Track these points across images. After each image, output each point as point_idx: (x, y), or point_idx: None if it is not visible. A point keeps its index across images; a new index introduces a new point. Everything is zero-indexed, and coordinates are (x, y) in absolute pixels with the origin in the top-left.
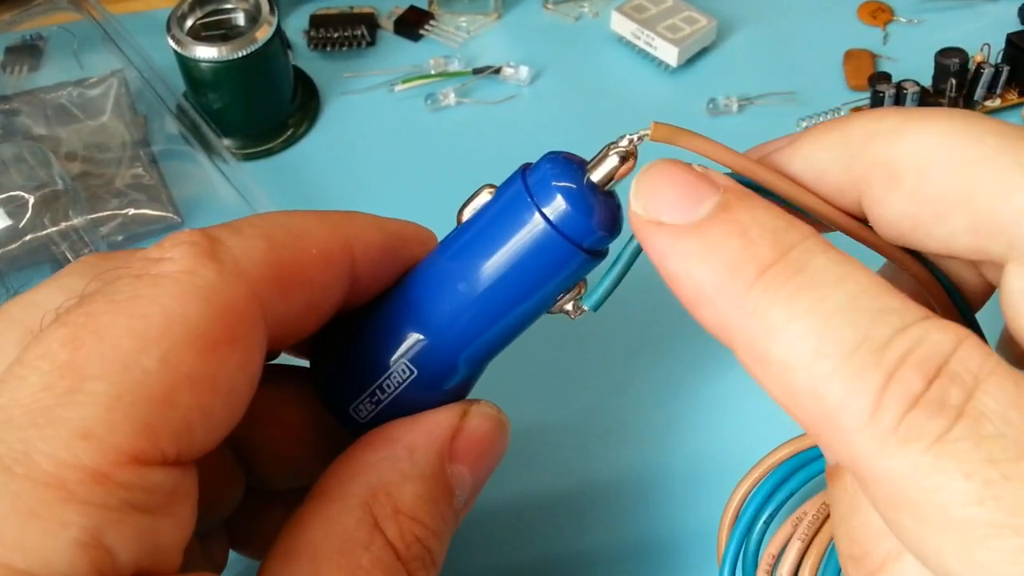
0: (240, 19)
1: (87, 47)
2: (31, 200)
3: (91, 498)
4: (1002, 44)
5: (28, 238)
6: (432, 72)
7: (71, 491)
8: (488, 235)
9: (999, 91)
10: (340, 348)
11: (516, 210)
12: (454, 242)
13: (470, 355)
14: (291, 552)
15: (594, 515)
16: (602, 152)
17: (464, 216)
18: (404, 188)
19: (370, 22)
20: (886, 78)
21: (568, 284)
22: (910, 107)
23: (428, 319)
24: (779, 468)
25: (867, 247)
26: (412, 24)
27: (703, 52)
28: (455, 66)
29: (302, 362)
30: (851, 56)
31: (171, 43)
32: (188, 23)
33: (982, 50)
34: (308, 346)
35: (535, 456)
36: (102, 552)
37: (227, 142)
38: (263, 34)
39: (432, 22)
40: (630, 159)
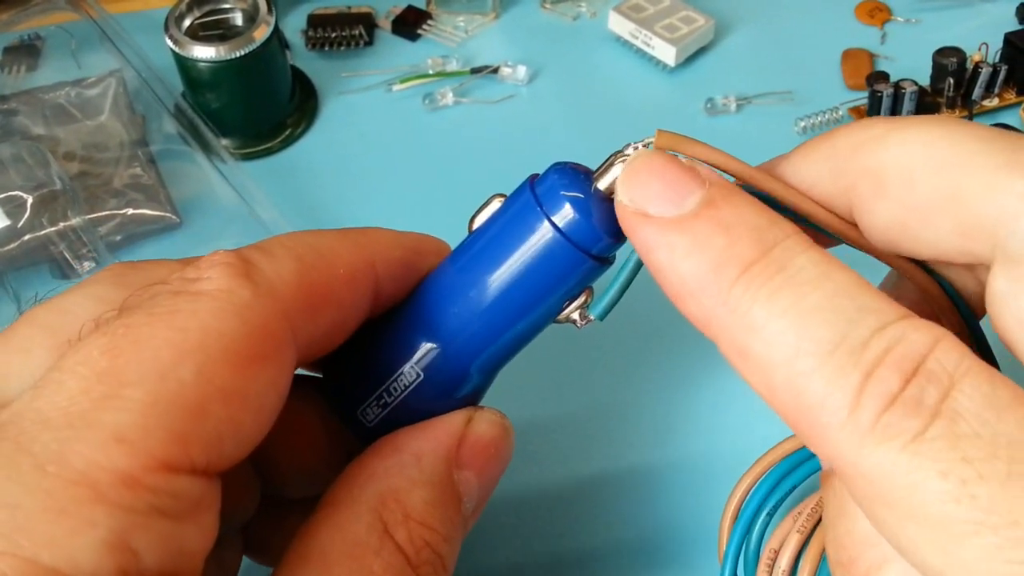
0: (238, 19)
1: (85, 47)
2: (29, 200)
3: (120, 500)
4: (1000, 43)
5: (26, 238)
6: (430, 72)
7: (101, 492)
8: (498, 244)
9: (997, 90)
10: (351, 354)
11: (525, 219)
12: (465, 252)
13: (479, 362)
14: (303, 558)
15: (596, 511)
16: (608, 161)
17: (475, 224)
18: (402, 188)
19: (368, 22)
20: (884, 77)
21: (576, 291)
22: (897, 116)
23: (438, 325)
24: (782, 463)
25: (870, 256)
26: (410, 24)
27: (701, 52)
28: (453, 66)
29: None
30: (849, 55)
31: (169, 43)
32: (186, 23)
33: (980, 49)
34: (322, 359)
35: (536, 453)
36: (128, 554)
37: (225, 142)
38: (261, 34)
39: (430, 22)
40: None
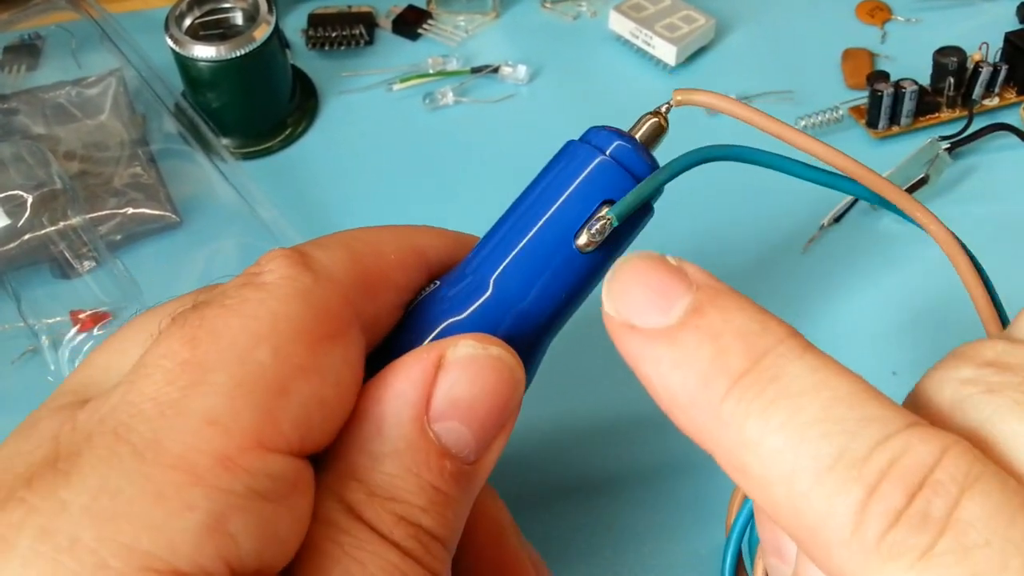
0: (238, 18)
1: (85, 46)
2: (29, 199)
3: (218, 482)
4: (1000, 43)
5: (27, 237)
6: (430, 71)
7: (199, 475)
8: (548, 180)
9: (997, 90)
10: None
11: (581, 160)
12: (516, 206)
13: (520, 296)
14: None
15: (608, 485)
16: (639, 120)
17: None
18: (402, 187)
19: (368, 21)
20: (884, 77)
21: (629, 225)
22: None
23: (484, 260)
24: None
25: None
26: (410, 23)
27: (701, 51)
28: (453, 65)
29: None
30: (849, 55)
31: (169, 42)
32: (186, 22)
33: (980, 49)
34: None
35: (558, 446)
36: (227, 538)
37: (225, 141)
38: (261, 33)
39: (430, 21)
40: (662, 127)
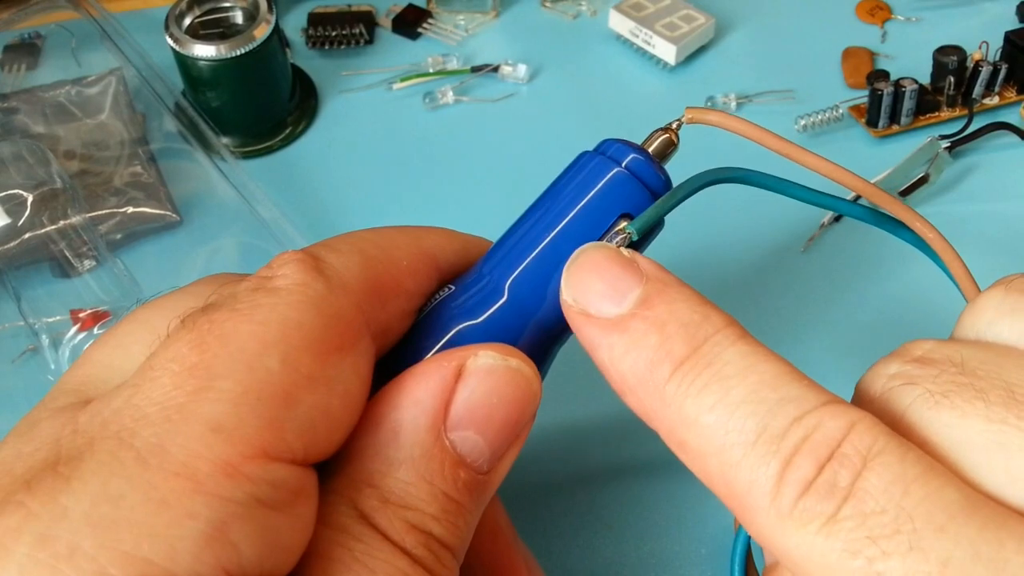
0: (238, 17)
1: (85, 45)
2: (30, 198)
3: (220, 491)
4: (1000, 42)
5: (27, 236)
6: (430, 70)
7: (201, 482)
8: (562, 193)
9: (997, 89)
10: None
11: (597, 171)
12: (529, 214)
13: (536, 306)
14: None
15: (609, 483)
16: (651, 135)
17: None
18: (402, 186)
19: (368, 20)
20: (884, 76)
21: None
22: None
23: (499, 263)
24: None
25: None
26: (410, 22)
27: (701, 50)
28: (453, 64)
29: None
30: (849, 54)
31: (169, 41)
32: (186, 21)
33: (980, 48)
34: None
35: (572, 442)
36: (228, 547)
37: (225, 140)
38: (261, 32)
39: (430, 20)
40: (674, 142)
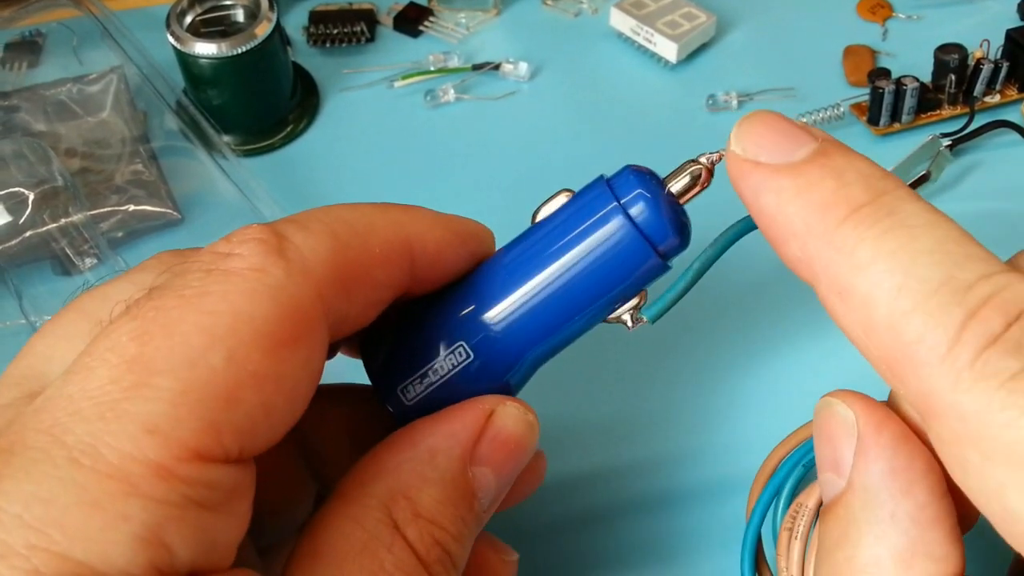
0: (240, 15)
1: (86, 43)
2: (31, 196)
3: (153, 493)
4: (1001, 40)
5: (28, 234)
6: (431, 68)
7: (134, 485)
8: (566, 232)
9: (999, 87)
10: (396, 332)
11: (597, 209)
12: (529, 237)
13: (530, 349)
14: (314, 553)
15: (611, 484)
16: (680, 167)
17: (539, 216)
18: (404, 184)
19: (369, 18)
20: (885, 74)
21: (635, 288)
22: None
23: (495, 308)
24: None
25: None
26: (411, 20)
27: (702, 48)
28: (454, 62)
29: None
30: (850, 52)
31: (170, 39)
32: (187, 19)
33: (981, 46)
34: (356, 336)
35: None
36: (161, 549)
37: (227, 138)
38: (263, 30)
39: (431, 18)
40: (705, 178)
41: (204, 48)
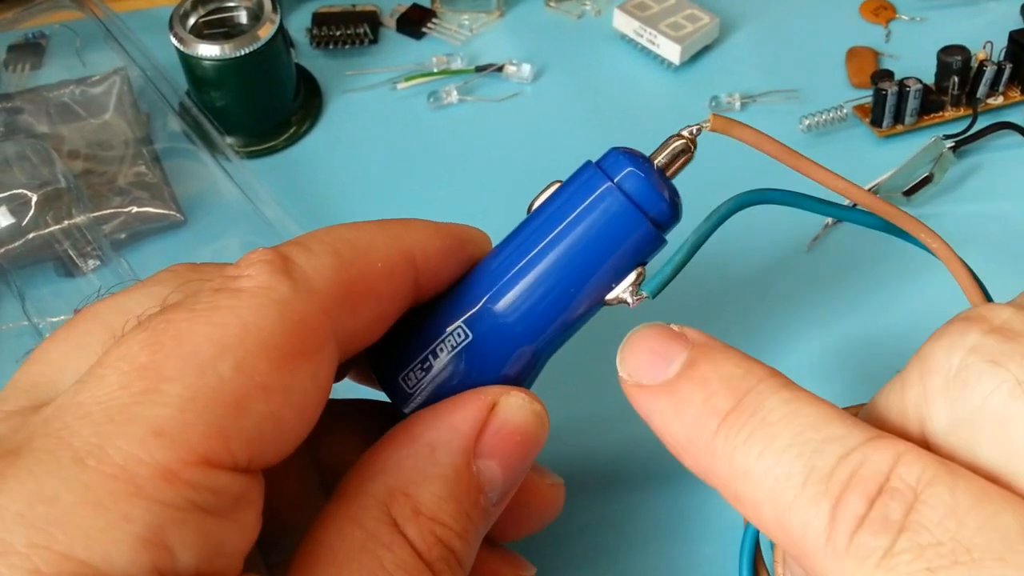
0: (243, 17)
1: (90, 45)
2: (34, 198)
3: (158, 495)
4: (1005, 41)
5: (31, 236)
6: (435, 70)
7: (139, 486)
8: (561, 213)
9: (1002, 88)
10: (398, 324)
11: (592, 188)
12: (526, 224)
13: (532, 330)
14: (314, 554)
15: (612, 484)
16: (664, 144)
17: (534, 207)
18: (407, 186)
19: (373, 20)
20: (888, 76)
21: (633, 260)
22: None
23: (493, 291)
24: None
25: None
26: (415, 22)
27: (705, 50)
28: (457, 64)
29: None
30: (853, 54)
31: (174, 41)
32: (191, 21)
33: (985, 48)
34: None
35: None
36: (163, 551)
37: (230, 140)
38: (266, 32)
39: (435, 20)
40: (689, 149)
41: (207, 50)
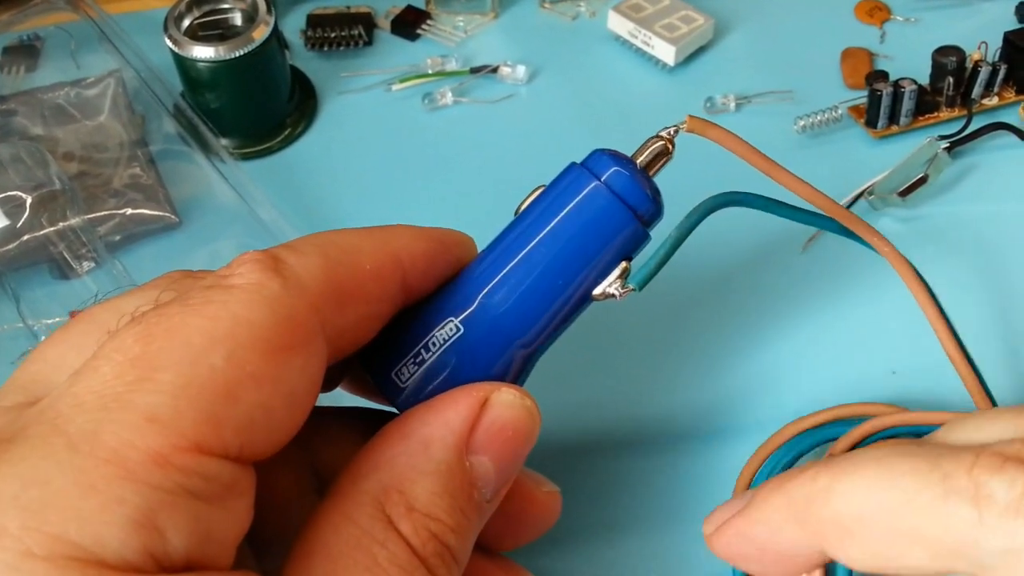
0: (237, 19)
1: (84, 47)
2: (28, 200)
3: (149, 479)
4: (999, 42)
5: (26, 238)
6: (429, 71)
7: (131, 470)
8: (553, 212)
9: (996, 89)
10: (391, 329)
11: (577, 185)
12: (515, 225)
13: (522, 326)
14: (308, 552)
15: (611, 484)
16: (644, 145)
17: (520, 210)
18: (401, 187)
19: (367, 22)
20: (883, 76)
21: (619, 255)
22: (839, 460)
23: (484, 285)
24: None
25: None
26: (409, 24)
27: (700, 51)
28: (452, 65)
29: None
30: (848, 55)
31: (168, 43)
32: (185, 23)
33: (979, 48)
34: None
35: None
36: (154, 534)
37: (225, 142)
38: (260, 34)
39: (429, 21)
40: (668, 150)
41: (202, 51)
